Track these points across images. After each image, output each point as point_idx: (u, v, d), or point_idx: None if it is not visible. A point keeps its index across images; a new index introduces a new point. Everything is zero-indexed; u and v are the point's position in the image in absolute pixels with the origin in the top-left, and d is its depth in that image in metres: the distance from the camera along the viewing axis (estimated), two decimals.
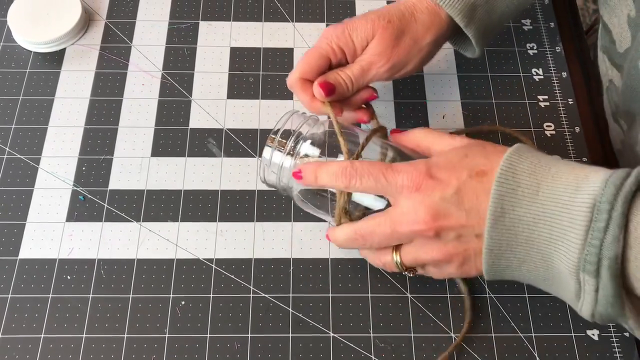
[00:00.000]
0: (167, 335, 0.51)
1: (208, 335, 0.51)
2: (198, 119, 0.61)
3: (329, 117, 0.51)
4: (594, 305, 0.39)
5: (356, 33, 0.52)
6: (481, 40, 0.55)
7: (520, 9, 0.57)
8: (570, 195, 0.39)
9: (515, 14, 0.57)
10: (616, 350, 0.51)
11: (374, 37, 0.52)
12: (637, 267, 0.37)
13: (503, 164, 0.41)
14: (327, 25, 0.68)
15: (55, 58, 0.64)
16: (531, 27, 0.68)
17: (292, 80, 0.52)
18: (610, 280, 0.37)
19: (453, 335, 0.51)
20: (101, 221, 0.56)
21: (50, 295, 0.52)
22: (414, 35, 0.53)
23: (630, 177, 0.38)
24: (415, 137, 0.49)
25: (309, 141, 0.50)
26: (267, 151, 0.51)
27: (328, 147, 0.50)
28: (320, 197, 0.51)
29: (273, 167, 0.51)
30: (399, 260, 0.47)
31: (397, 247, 0.47)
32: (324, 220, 0.55)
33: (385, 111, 0.62)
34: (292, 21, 0.68)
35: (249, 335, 0.51)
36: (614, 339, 0.51)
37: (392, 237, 0.45)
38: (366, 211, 0.49)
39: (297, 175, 0.48)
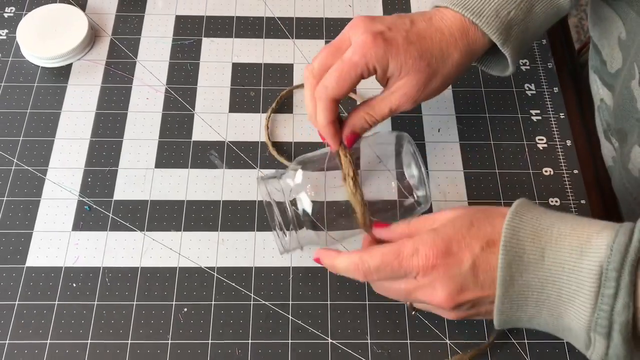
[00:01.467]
0: (169, 341, 0.52)
1: (209, 342, 0.52)
2: (200, 132, 0.63)
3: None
4: (604, 357, 0.40)
5: (395, 61, 0.49)
6: (517, 58, 0.54)
7: (550, 25, 0.56)
8: (576, 260, 0.40)
9: (545, 29, 0.56)
10: None
11: (409, 74, 0.49)
12: None
13: (506, 230, 0.42)
14: (326, 42, 0.70)
15: (62, 73, 0.66)
16: None
17: (323, 125, 0.50)
18: (622, 344, 0.39)
19: (448, 341, 0.53)
20: (106, 230, 0.57)
21: (56, 302, 0.54)
22: (445, 77, 0.51)
23: (634, 242, 0.39)
24: (400, 230, 0.48)
25: (302, 194, 0.51)
26: (275, 236, 0.53)
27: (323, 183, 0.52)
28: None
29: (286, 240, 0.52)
30: (408, 304, 0.49)
31: None
32: (335, 240, 0.55)
33: (382, 125, 0.63)
34: (292, 38, 0.70)
35: (250, 341, 0.52)
36: None
37: (408, 298, 0.47)
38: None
39: (317, 260, 0.50)
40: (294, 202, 0.51)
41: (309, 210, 0.50)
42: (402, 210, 0.52)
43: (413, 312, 0.52)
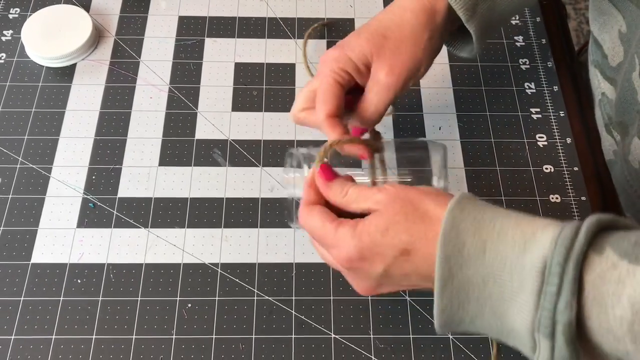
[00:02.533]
0: (174, 337, 0.53)
1: (214, 337, 0.53)
2: (204, 130, 0.64)
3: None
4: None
5: (353, 53, 0.50)
6: (481, 38, 0.53)
7: (520, 9, 0.55)
8: (518, 255, 0.37)
9: (515, 13, 0.55)
10: None
11: (374, 56, 0.50)
12: (600, 325, 0.36)
13: (445, 222, 0.39)
14: (327, 42, 0.70)
15: (67, 72, 0.67)
16: (523, 44, 0.71)
17: (321, 120, 0.49)
18: (565, 344, 0.36)
19: (451, 336, 0.53)
20: (110, 227, 0.58)
21: (61, 299, 0.54)
22: (413, 40, 0.51)
23: (580, 237, 0.36)
24: (334, 199, 0.46)
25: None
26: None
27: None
28: None
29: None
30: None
31: None
32: None
33: (384, 123, 0.64)
34: (294, 38, 0.71)
35: (253, 336, 0.53)
36: None
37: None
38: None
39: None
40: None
41: None
42: None
43: None
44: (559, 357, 0.37)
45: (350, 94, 0.51)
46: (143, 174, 0.61)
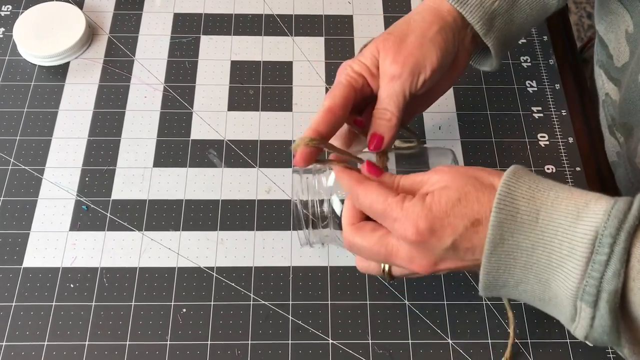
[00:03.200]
0: (168, 343, 0.52)
1: (209, 343, 0.52)
2: (199, 131, 0.62)
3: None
4: (589, 331, 0.39)
5: (365, 57, 0.49)
6: (500, 52, 0.53)
7: (537, 22, 0.55)
8: (571, 223, 0.38)
9: (532, 26, 0.55)
10: (611, 356, 0.52)
11: (380, 52, 0.49)
12: None
13: (501, 189, 0.40)
14: (325, 39, 0.69)
15: (60, 71, 0.66)
16: (525, 41, 0.70)
17: (320, 110, 0.47)
18: (608, 313, 0.37)
19: (450, 341, 0.52)
20: (104, 230, 0.57)
21: (54, 303, 0.53)
22: (419, 31, 0.49)
23: (633, 210, 0.37)
24: (388, 181, 0.46)
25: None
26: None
27: None
28: None
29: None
30: (387, 270, 0.46)
31: None
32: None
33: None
34: (292, 35, 0.69)
35: (249, 342, 0.52)
36: (610, 348, 0.52)
37: (387, 261, 0.45)
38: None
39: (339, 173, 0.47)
40: (323, 202, 0.50)
41: (338, 211, 0.50)
42: None
43: (391, 281, 0.50)
44: (599, 325, 0.38)
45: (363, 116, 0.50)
46: (137, 176, 0.60)
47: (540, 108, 0.65)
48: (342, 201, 0.49)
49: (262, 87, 0.66)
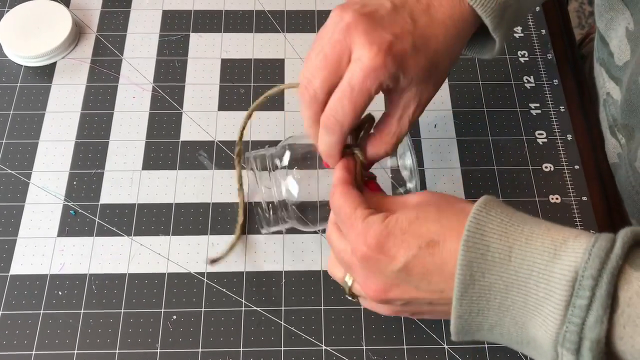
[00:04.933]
0: (158, 350, 0.51)
1: (200, 350, 0.51)
2: (189, 132, 0.61)
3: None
4: None
5: (407, 77, 0.44)
6: (504, 41, 0.49)
7: (537, 5, 0.51)
8: (547, 263, 0.35)
9: (535, 6, 0.52)
10: None
11: (418, 85, 0.44)
12: (634, 347, 0.34)
13: (470, 223, 0.37)
14: None
15: (46, 72, 0.64)
16: (522, 35, 0.68)
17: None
18: None
19: (446, 346, 0.51)
20: (92, 236, 0.55)
21: (42, 311, 0.52)
22: (445, 72, 0.47)
23: (616, 249, 0.34)
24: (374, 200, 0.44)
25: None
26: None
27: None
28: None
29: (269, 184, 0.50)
30: (349, 284, 0.44)
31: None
32: (316, 232, 0.55)
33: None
34: (283, 32, 0.68)
35: (241, 349, 0.51)
36: None
37: (347, 271, 0.44)
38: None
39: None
40: (280, 183, 0.50)
41: (294, 191, 0.49)
42: None
43: (353, 299, 0.47)
44: None
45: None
46: (126, 179, 0.58)
47: (538, 104, 0.64)
48: (299, 185, 0.49)
49: (253, 85, 0.64)
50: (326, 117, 0.43)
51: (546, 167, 0.60)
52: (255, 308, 0.52)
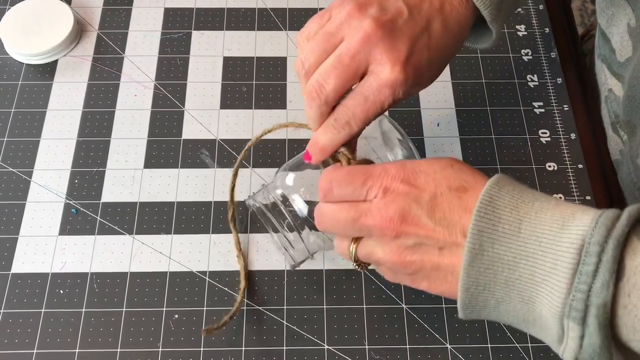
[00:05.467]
0: (160, 349, 0.50)
1: (202, 349, 0.50)
2: (191, 130, 0.61)
3: None
4: (578, 352, 0.36)
5: (419, 88, 0.48)
6: (499, 33, 0.50)
7: None
8: (555, 233, 0.36)
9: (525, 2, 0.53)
10: None
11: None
12: (637, 316, 0.34)
13: (482, 196, 0.38)
14: None
15: (48, 70, 0.64)
16: (526, 33, 0.68)
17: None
18: (597, 330, 0.35)
19: (449, 346, 0.51)
20: (94, 234, 0.55)
21: (43, 310, 0.52)
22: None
23: (622, 219, 0.35)
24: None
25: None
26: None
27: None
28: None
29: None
30: (354, 251, 0.44)
31: (356, 238, 0.44)
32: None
33: None
34: (286, 30, 0.67)
35: (243, 348, 0.51)
36: None
37: (353, 227, 0.42)
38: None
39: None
40: (289, 206, 0.49)
41: (305, 210, 0.48)
42: None
43: (359, 269, 0.46)
44: (589, 345, 0.35)
45: None
46: (127, 177, 0.58)
47: (541, 103, 0.63)
48: (307, 202, 0.48)
49: (255, 84, 0.64)
50: (336, 119, 0.44)
51: (550, 166, 0.60)
52: (257, 307, 0.52)
